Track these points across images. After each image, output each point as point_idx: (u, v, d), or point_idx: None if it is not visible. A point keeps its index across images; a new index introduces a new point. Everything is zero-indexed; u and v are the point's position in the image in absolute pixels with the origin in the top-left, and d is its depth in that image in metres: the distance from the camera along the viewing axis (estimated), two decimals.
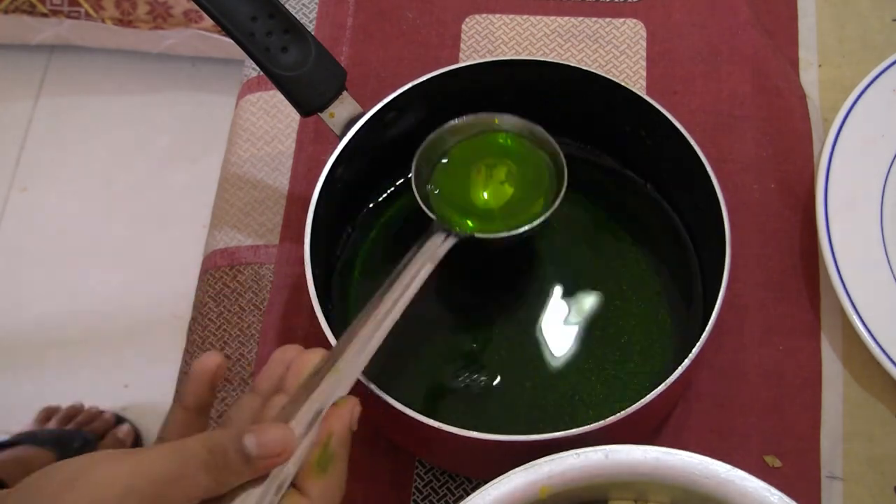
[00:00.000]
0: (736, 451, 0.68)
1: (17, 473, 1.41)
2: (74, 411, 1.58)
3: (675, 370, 0.60)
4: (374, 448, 0.70)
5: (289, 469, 0.49)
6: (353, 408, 0.52)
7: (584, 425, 0.59)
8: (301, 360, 0.54)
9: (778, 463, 0.67)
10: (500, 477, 0.56)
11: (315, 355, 0.54)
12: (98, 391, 1.62)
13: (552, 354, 0.69)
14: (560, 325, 0.70)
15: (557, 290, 0.71)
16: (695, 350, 0.61)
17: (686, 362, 0.60)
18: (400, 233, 0.74)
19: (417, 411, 0.59)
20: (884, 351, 0.68)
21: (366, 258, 0.73)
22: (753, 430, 0.69)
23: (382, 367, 0.68)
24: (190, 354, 0.75)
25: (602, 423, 0.58)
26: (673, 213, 0.73)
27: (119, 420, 1.58)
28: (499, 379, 0.68)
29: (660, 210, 0.73)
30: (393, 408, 0.59)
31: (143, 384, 1.63)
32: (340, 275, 0.72)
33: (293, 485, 0.49)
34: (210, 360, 0.53)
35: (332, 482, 0.50)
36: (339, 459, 0.51)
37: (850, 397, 0.70)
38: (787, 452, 0.68)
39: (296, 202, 0.79)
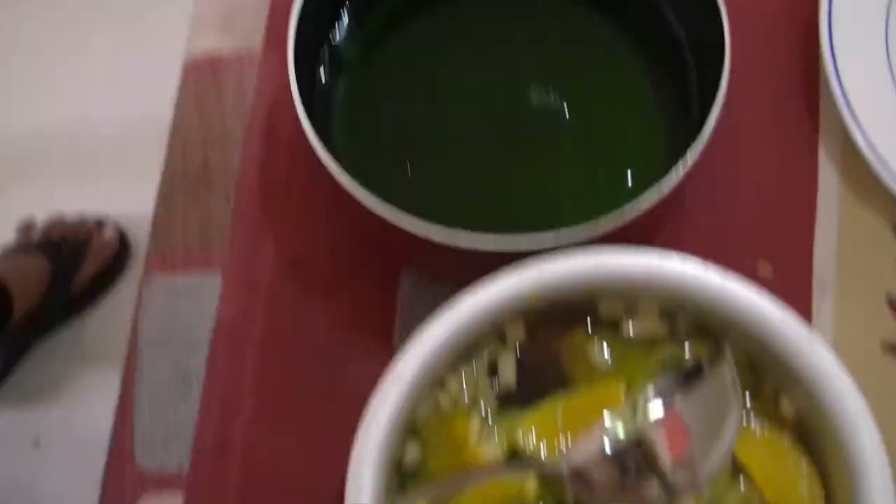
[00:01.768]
0: (729, 259, 0.67)
1: (16, 277, 1.42)
2: (54, 222, 1.57)
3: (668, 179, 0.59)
4: (360, 254, 0.69)
5: None
6: None
7: (574, 234, 0.57)
8: None
9: (770, 273, 0.67)
10: (488, 281, 0.55)
11: None
12: (79, 206, 1.61)
13: (541, 162, 0.67)
14: (548, 132, 0.68)
15: (547, 94, 0.69)
16: (689, 156, 0.59)
17: (679, 169, 0.59)
18: (391, 28, 0.72)
19: (404, 213, 0.58)
20: (882, 163, 0.66)
21: (354, 58, 0.71)
22: (746, 242, 0.68)
23: (369, 168, 0.67)
24: (170, 162, 0.73)
25: (593, 229, 0.57)
26: (675, 21, 0.70)
27: (102, 224, 1.58)
28: (487, 188, 0.67)
29: (660, 20, 0.71)
30: (377, 210, 0.58)
31: (124, 198, 1.61)
32: (327, 75, 0.70)
33: None
34: None
35: None
36: None
37: (846, 209, 0.69)
38: (780, 264, 0.67)
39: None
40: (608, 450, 0.53)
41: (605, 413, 0.55)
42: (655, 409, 0.55)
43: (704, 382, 0.52)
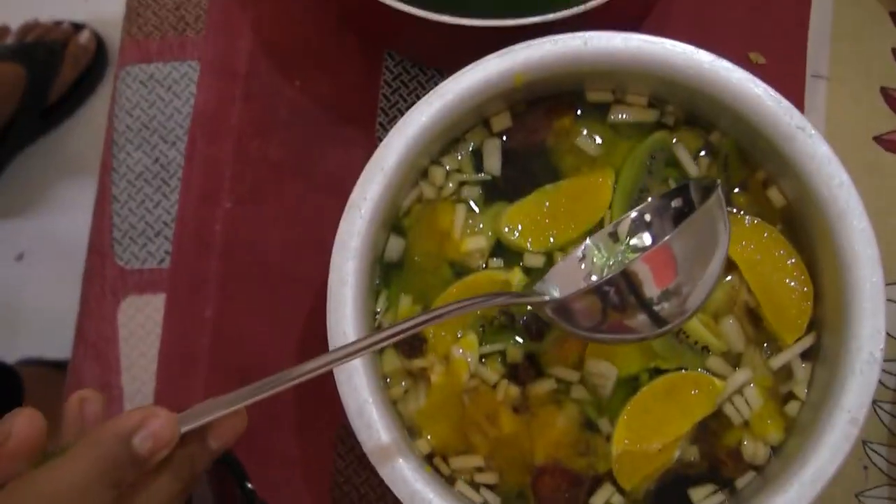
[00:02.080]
0: (720, 48, 0.65)
1: None
2: (29, 26, 1.53)
3: None
4: (341, 41, 0.67)
5: None
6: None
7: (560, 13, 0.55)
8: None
9: (762, 60, 0.65)
10: (474, 63, 0.53)
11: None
12: (54, 13, 1.57)
13: None
14: None
15: None
16: None
17: None
18: None
19: None
20: None
21: None
22: (739, 27, 0.66)
23: None
24: None
25: (581, 7, 0.55)
26: None
27: (78, 28, 1.54)
28: None
29: None
30: None
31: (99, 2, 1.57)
32: None
33: None
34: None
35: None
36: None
37: None
38: (773, 50, 0.65)
39: None
40: (593, 278, 0.52)
41: (588, 241, 0.54)
42: (642, 240, 0.54)
43: (694, 213, 0.51)
